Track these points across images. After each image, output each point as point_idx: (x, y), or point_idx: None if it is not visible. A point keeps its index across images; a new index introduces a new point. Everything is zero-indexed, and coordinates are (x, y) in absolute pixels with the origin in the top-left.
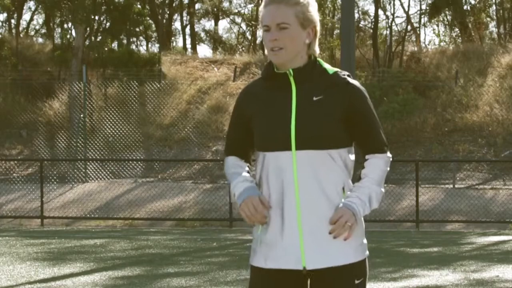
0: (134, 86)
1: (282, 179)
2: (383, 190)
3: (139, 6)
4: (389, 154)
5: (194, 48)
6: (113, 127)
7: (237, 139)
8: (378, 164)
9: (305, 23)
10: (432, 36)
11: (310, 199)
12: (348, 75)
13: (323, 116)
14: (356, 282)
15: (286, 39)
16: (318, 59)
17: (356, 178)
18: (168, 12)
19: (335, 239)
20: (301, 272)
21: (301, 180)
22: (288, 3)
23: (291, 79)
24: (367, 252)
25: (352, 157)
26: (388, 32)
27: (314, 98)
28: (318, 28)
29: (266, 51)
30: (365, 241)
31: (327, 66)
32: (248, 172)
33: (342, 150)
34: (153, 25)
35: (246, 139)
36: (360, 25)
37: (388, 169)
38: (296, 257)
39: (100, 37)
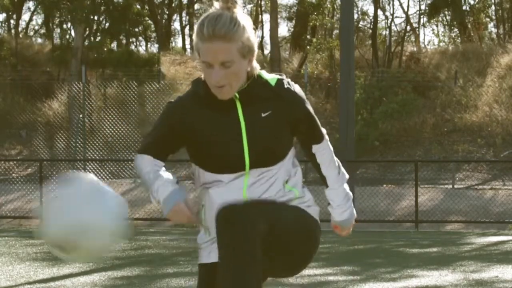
0: (133, 86)
1: (232, 194)
2: (346, 177)
3: (138, 6)
4: (326, 136)
5: (193, 48)
6: (112, 127)
7: (161, 143)
8: (328, 154)
9: (247, 53)
10: (432, 37)
11: (255, 191)
12: (288, 82)
13: (274, 131)
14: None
15: (231, 77)
16: (259, 72)
17: (357, 179)
18: (167, 13)
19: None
20: None
21: (250, 193)
22: (230, 40)
23: (237, 101)
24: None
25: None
26: (387, 32)
27: (262, 115)
28: (256, 48)
29: (209, 85)
30: (314, 210)
31: (267, 76)
32: (166, 172)
33: (290, 155)
34: (152, 25)
35: (171, 145)
36: (360, 25)
37: (331, 147)
38: None
39: (99, 37)
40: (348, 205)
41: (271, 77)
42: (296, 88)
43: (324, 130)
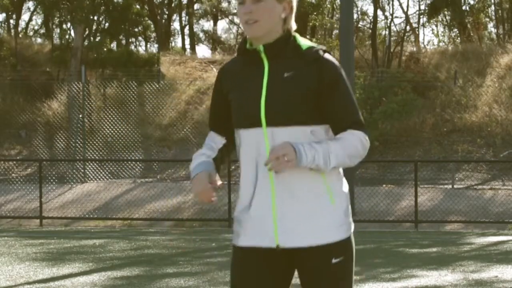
0: (133, 86)
1: (255, 156)
2: (348, 160)
3: (138, 6)
4: (365, 135)
5: (193, 48)
6: (112, 127)
7: (217, 113)
8: (350, 138)
9: None
10: (431, 37)
11: (283, 176)
12: (323, 50)
13: (293, 92)
14: (334, 261)
15: (261, 12)
16: (294, 34)
17: (357, 179)
18: (167, 13)
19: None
20: (275, 250)
21: None
22: None
23: (263, 55)
24: (351, 230)
25: (328, 136)
26: (387, 32)
27: (285, 75)
28: (295, 3)
29: (241, 25)
30: (349, 219)
31: (302, 41)
32: (218, 147)
33: (315, 128)
34: (152, 26)
35: (225, 113)
36: (359, 25)
37: (363, 150)
38: (269, 235)
39: (99, 37)
40: (314, 147)
41: (305, 43)
42: (330, 56)
43: (361, 124)
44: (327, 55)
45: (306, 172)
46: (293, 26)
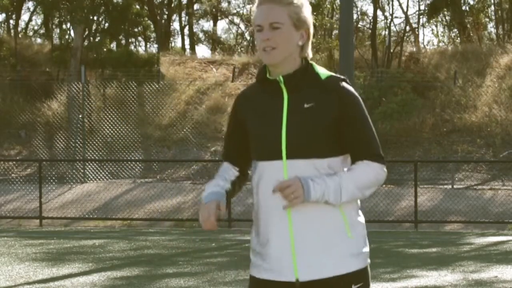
0: (133, 86)
1: (273, 187)
2: (360, 194)
3: (137, 6)
4: (383, 167)
5: (192, 48)
6: (111, 127)
7: (232, 144)
8: (364, 169)
9: (298, 24)
10: (431, 37)
11: (301, 209)
12: (342, 79)
13: (314, 123)
14: (354, 287)
15: (278, 39)
16: (312, 62)
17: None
18: (166, 13)
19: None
20: (294, 284)
21: None
22: (281, 3)
23: (282, 86)
24: (368, 260)
25: (347, 166)
26: (386, 32)
27: (305, 106)
28: (312, 31)
29: (258, 52)
30: (366, 249)
31: (320, 70)
32: (230, 179)
33: (335, 159)
34: (152, 26)
35: (241, 143)
36: (359, 25)
37: (377, 182)
38: (289, 268)
39: (98, 38)
40: (325, 182)
41: (324, 72)
42: (349, 86)
43: (380, 155)
44: (346, 85)
45: (322, 206)
46: (310, 54)
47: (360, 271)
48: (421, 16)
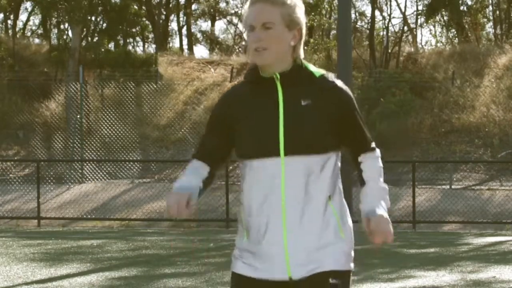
0: (131, 86)
1: (269, 186)
2: (387, 187)
3: (135, 6)
4: (378, 150)
5: (190, 48)
6: (109, 127)
7: (210, 143)
8: (374, 164)
9: (291, 24)
10: (429, 37)
11: (296, 208)
12: (334, 77)
13: (312, 120)
14: (332, 281)
15: (270, 39)
16: (304, 61)
17: (355, 180)
18: (164, 13)
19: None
20: (287, 282)
21: (289, 188)
22: (274, 3)
23: (278, 83)
24: (352, 265)
25: (339, 162)
26: (384, 32)
27: (302, 103)
28: (304, 31)
29: (249, 52)
30: (353, 253)
31: (313, 68)
32: (202, 178)
33: (331, 155)
34: (150, 26)
35: (219, 144)
36: (357, 25)
37: (382, 164)
38: (282, 267)
39: (96, 38)
40: (383, 202)
41: (317, 70)
42: (342, 84)
43: (372, 142)
44: (340, 82)
45: (317, 204)
46: (302, 54)
47: (345, 272)
48: (419, 16)
